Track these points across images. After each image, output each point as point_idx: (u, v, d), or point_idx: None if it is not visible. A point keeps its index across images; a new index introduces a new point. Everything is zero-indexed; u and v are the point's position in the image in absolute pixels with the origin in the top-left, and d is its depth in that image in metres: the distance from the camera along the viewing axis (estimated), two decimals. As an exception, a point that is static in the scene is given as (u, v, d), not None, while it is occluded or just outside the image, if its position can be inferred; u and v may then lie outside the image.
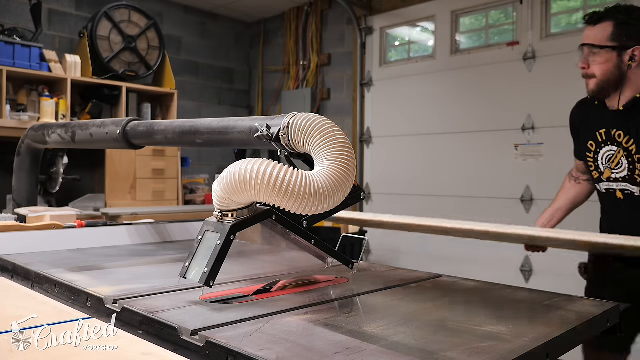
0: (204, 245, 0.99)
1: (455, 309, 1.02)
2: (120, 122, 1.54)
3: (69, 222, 1.73)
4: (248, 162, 0.91)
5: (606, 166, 1.73)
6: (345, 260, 1.18)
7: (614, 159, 1.71)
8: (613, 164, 1.71)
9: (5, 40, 3.63)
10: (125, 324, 0.89)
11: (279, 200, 0.91)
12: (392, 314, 0.93)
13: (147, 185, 4.23)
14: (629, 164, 1.67)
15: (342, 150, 0.95)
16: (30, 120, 3.63)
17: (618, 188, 1.72)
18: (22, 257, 1.39)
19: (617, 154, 1.69)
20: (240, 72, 5.70)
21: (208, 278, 0.93)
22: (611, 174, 1.72)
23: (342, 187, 0.94)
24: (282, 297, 1.02)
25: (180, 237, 1.85)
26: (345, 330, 0.81)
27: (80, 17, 4.38)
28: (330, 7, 5.00)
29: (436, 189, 4.15)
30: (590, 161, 1.81)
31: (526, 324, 0.91)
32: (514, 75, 3.74)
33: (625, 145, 1.67)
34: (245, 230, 0.99)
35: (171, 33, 5.01)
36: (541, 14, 3.67)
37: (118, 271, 1.30)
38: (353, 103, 4.79)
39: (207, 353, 0.74)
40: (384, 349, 0.73)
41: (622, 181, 1.70)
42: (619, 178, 1.71)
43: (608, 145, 1.73)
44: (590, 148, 1.79)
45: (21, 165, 1.99)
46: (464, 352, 0.72)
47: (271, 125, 1.02)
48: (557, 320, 0.92)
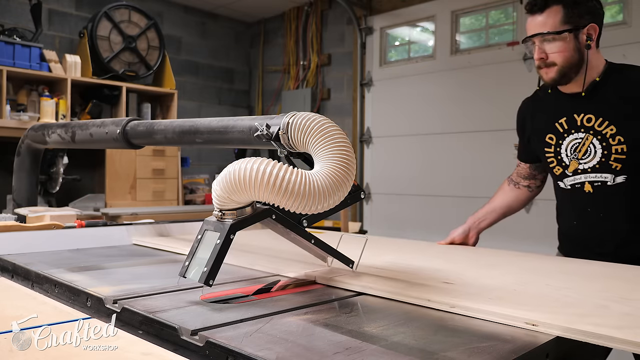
0: (204, 244, 0.99)
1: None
2: (120, 122, 1.54)
3: (69, 222, 1.73)
4: (248, 161, 0.91)
5: (572, 157, 1.62)
6: (346, 260, 1.18)
7: (580, 148, 1.60)
8: (580, 153, 1.60)
9: (5, 40, 3.63)
10: (125, 324, 0.89)
11: (279, 199, 0.91)
12: (392, 314, 0.93)
13: (147, 185, 4.23)
14: (602, 149, 1.56)
15: (342, 150, 0.95)
16: (30, 120, 3.63)
17: (587, 180, 1.60)
18: (22, 257, 1.39)
19: (585, 141, 1.58)
20: (240, 72, 5.70)
21: (208, 277, 0.93)
22: (578, 165, 1.61)
23: (341, 186, 0.94)
24: (282, 297, 1.02)
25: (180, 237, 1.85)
26: (345, 330, 0.81)
27: (80, 17, 4.38)
28: (330, 7, 5.00)
29: (436, 189, 4.15)
30: (550, 157, 1.68)
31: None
32: (514, 75, 3.74)
33: (598, 129, 1.56)
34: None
35: (171, 33, 5.01)
36: (541, 13, 3.67)
37: (118, 271, 1.30)
38: (353, 103, 4.79)
39: (207, 353, 0.74)
40: (384, 349, 0.73)
41: (592, 171, 1.59)
42: (587, 169, 1.60)
43: (572, 133, 1.62)
44: (550, 142, 1.68)
45: (21, 165, 1.99)
46: (464, 352, 0.72)
47: (271, 125, 1.02)
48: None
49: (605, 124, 1.55)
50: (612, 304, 0.94)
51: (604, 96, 1.56)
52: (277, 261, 1.34)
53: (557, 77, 1.56)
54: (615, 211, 1.59)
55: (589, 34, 1.53)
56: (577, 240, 1.70)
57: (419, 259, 1.44)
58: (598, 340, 0.76)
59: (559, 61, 1.54)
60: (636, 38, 3.25)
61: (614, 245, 1.60)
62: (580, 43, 1.53)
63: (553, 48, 1.53)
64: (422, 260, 1.43)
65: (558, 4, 1.51)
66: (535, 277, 1.20)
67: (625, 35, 3.29)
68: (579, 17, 1.51)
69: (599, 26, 1.55)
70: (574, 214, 1.69)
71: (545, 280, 1.15)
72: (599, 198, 1.60)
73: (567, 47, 1.52)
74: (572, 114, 1.61)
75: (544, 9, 1.52)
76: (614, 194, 1.57)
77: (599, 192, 1.59)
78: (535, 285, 1.10)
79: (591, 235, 1.65)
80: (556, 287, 1.08)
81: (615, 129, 1.54)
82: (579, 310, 0.88)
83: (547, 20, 1.52)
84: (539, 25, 1.54)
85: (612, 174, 1.56)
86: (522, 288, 1.07)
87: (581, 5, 1.52)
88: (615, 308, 0.91)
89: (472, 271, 1.27)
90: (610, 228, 1.60)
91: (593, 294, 1.02)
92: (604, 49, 1.61)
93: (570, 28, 1.51)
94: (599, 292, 1.04)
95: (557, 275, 1.23)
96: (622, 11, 3.38)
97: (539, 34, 1.53)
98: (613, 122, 1.54)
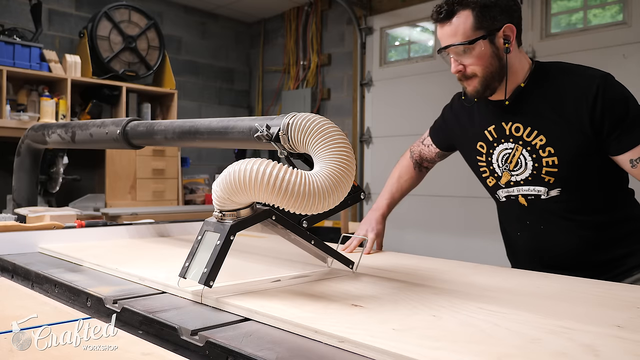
0: (204, 245, 0.99)
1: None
2: (120, 122, 1.54)
3: (69, 222, 1.74)
4: (248, 162, 0.91)
5: (504, 168, 1.46)
6: (345, 260, 1.18)
7: (511, 159, 1.44)
8: (512, 165, 1.44)
9: (5, 40, 3.64)
10: (125, 324, 0.89)
11: (279, 200, 0.91)
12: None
13: (147, 185, 4.23)
14: (533, 161, 1.40)
15: (342, 150, 0.96)
16: (30, 120, 3.63)
17: (520, 193, 1.45)
18: (22, 257, 1.39)
19: (515, 152, 1.43)
20: (240, 72, 5.70)
21: (208, 278, 0.93)
22: (511, 177, 1.45)
23: (341, 187, 0.94)
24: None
25: (180, 237, 1.85)
26: (344, 330, 0.81)
27: (80, 17, 4.38)
28: (330, 7, 5.00)
29: (436, 189, 4.15)
30: (482, 166, 1.52)
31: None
32: (514, 75, 3.74)
33: (527, 139, 1.40)
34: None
35: (171, 33, 5.01)
36: (541, 14, 3.67)
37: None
38: (353, 103, 4.79)
39: (207, 353, 0.74)
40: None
41: (525, 184, 1.43)
42: (520, 181, 1.44)
43: (502, 143, 1.45)
44: (481, 150, 1.51)
45: (21, 165, 1.99)
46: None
47: (271, 126, 1.02)
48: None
49: (534, 134, 1.39)
50: (547, 336, 0.74)
51: (532, 103, 1.40)
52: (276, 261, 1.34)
53: (481, 89, 1.39)
54: (555, 223, 1.44)
55: (506, 36, 1.36)
56: (525, 251, 1.56)
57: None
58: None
59: (479, 72, 1.37)
60: (636, 38, 3.25)
61: (563, 256, 1.46)
62: (498, 48, 1.35)
63: (470, 58, 1.36)
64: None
65: (466, 9, 1.32)
66: (466, 298, 0.96)
67: (625, 35, 3.29)
68: (492, 19, 1.33)
69: (516, 25, 1.38)
70: (516, 225, 1.55)
71: (478, 302, 0.93)
72: (535, 211, 1.46)
73: (485, 55, 1.35)
74: (501, 122, 1.45)
75: (452, 16, 1.34)
76: (549, 207, 1.43)
77: (533, 206, 1.45)
78: (465, 308, 0.88)
79: (538, 247, 1.50)
80: (488, 310, 0.87)
81: (545, 139, 1.38)
82: (499, 349, 0.68)
83: (457, 29, 1.34)
84: (449, 36, 1.35)
85: (545, 187, 1.41)
86: (447, 313, 0.85)
87: (493, 6, 1.33)
88: (549, 344, 0.71)
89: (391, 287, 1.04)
90: (555, 239, 1.46)
91: (529, 321, 0.81)
92: (604, 49, 1.57)
93: (484, 34, 1.33)
94: (537, 318, 0.83)
95: (492, 294, 1.00)
96: (622, 11, 3.38)
97: (451, 45, 1.35)
98: (542, 132, 1.38)
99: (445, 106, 1.70)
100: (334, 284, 1.08)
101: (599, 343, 0.71)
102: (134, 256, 1.42)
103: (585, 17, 3.54)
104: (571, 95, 1.34)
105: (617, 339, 0.74)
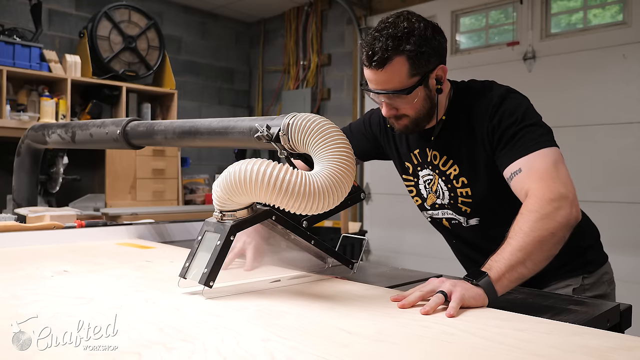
0: (204, 245, 0.99)
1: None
2: (120, 122, 1.54)
3: (69, 222, 1.74)
4: (248, 163, 0.91)
5: (428, 191, 1.45)
6: (345, 261, 1.18)
7: (432, 186, 1.43)
8: (432, 191, 1.44)
9: (5, 40, 3.63)
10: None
11: (279, 200, 0.91)
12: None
13: (147, 185, 4.23)
14: (449, 191, 1.39)
15: (342, 151, 0.96)
16: (30, 120, 3.63)
17: (444, 217, 1.45)
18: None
19: (434, 179, 1.42)
20: (240, 72, 5.70)
21: (208, 278, 0.93)
22: (436, 200, 1.44)
23: (341, 187, 0.94)
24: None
25: (180, 237, 1.85)
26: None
27: (80, 17, 4.38)
28: (330, 7, 5.00)
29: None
30: (410, 186, 1.51)
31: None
32: (514, 75, 3.74)
33: (442, 169, 1.39)
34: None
35: (171, 33, 5.01)
36: (541, 14, 3.67)
37: (118, 271, 1.29)
38: (353, 103, 4.79)
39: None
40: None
41: (447, 207, 1.42)
42: (444, 204, 1.42)
43: (425, 168, 1.44)
44: (408, 170, 1.49)
45: (21, 165, 2.00)
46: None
47: (271, 126, 1.03)
48: (557, 320, 0.91)
49: (449, 164, 1.37)
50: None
51: (449, 130, 1.37)
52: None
53: (411, 127, 1.34)
54: (481, 246, 1.41)
55: (438, 77, 1.31)
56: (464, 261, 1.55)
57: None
58: None
59: (411, 113, 1.31)
60: (636, 38, 3.25)
61: None
62: (430, 90, 1.31)
63: (403, 103, 1.29)
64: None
65: (401, 55, 1.23)
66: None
67: (625, 35, 3.29)
68: (427, 63, 1.27)
69: (445, 63, 1.33)
70: (446, 238, 1.55)
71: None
72: (460, 234, 1.45)
73: (419, 98, 1.29)
74: (425, 147, 1.42)
75: (386, 63, 1.24)
76: (470, 234, 1.42)
77: (457, 230, 1.44)
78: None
79: (468, 260, 1.50)
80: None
81: (458, 169, 1.36)
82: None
83: (392, 77, 1.25)
84: (383, 82, 1.26)
85: (463, 216, 1.40)
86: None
87: (425, 53, 1.25)
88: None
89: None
90: (479, 258, 1.34)
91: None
92: (604, 49, 1.58)
93: (419, 80, 1.26)
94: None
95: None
96: (622, 11, 3.38)
97: (386, 92, 1.27)
98: (457, 161, 1.36)
99: (369, 115, 1.60)
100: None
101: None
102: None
103: (585, 17, 3.54)
104: (477, 115, 1.32)
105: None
